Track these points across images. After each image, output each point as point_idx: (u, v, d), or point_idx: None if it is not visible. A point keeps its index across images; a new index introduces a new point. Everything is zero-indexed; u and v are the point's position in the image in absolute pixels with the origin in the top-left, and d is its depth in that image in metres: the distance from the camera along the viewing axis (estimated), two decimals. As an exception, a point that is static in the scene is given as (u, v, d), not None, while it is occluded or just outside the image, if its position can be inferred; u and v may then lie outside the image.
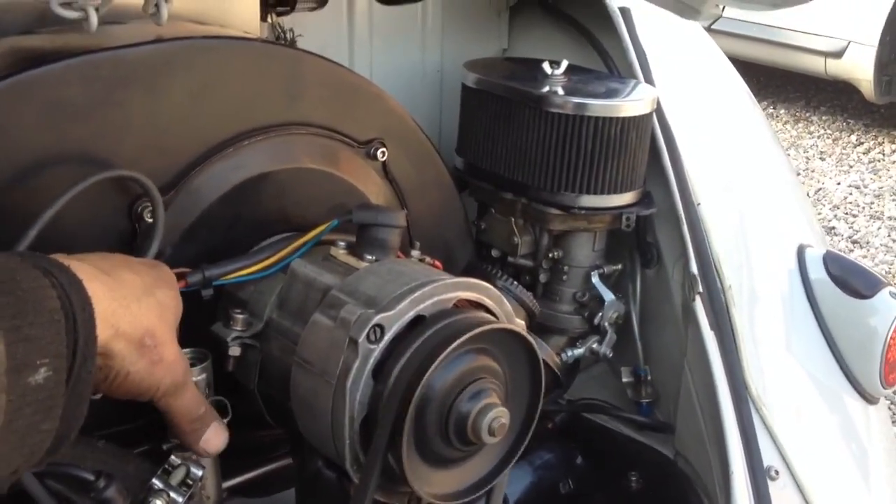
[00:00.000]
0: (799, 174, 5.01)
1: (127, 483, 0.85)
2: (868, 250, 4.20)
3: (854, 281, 1.50)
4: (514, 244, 1.42)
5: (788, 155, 4.79)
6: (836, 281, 1.50)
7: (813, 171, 5.07)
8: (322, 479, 0.98)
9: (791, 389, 1.40)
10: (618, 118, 1.31)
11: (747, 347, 1.36)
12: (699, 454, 1.38)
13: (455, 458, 0.92)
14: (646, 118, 1.36)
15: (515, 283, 1.23)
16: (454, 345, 0.86)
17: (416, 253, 1.09)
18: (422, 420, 0.87)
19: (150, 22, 0.98)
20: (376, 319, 0.87)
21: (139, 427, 0.93)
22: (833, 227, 4.42)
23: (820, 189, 4.84)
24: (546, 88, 1.35)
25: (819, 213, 4.55)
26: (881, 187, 4.88)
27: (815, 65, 5.33)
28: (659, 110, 1.44)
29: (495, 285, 1.00)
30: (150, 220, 0.97)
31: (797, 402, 1.40)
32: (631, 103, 1.34)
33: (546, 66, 1.39)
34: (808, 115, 5.89)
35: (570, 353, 1.41)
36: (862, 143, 5.44)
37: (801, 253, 1.53)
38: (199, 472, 0.90)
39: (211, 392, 0.96)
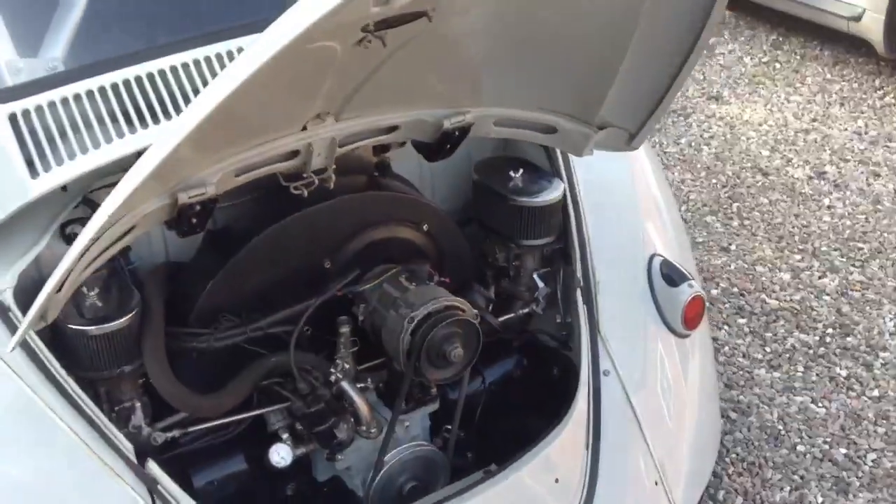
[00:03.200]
0: (815, 120, 6.18)
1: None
2: (844, 192, 5.42)
3: (673, 276, 2.93)
4: (496, 255, 2.90)
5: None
6: (664, 276, 2.93)
7: (827, 118, 6.22)
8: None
9: (628, 330, 2.85)
10: (542, 208, 2.75)
11: (605, 314, 2.81)
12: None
13: (443, 366, 2.45)
14: (557, 202, 2.79)
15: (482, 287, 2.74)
16: (439, 326, 2.39)
17: (436, 278, 2.59)
18: (428, 352, 2.40)
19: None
20: (411, 315, 2.40)
21: None
22: (824, 172, 5.63)
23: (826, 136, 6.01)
24: (510, 185, 2.79)
25: (819, 158, 5.76)
26: (878, 134, 6.01)
27: (840, 25, 6.46)
28: (573, 189, 2.86)
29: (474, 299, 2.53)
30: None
31: (631, 336, 2.86)
32: (549, 196, 2.77)
33: (511, 172, 2.82)
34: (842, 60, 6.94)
35: (521, 312, 2.90)
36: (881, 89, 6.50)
37: (651, 258, 2.96)
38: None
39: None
